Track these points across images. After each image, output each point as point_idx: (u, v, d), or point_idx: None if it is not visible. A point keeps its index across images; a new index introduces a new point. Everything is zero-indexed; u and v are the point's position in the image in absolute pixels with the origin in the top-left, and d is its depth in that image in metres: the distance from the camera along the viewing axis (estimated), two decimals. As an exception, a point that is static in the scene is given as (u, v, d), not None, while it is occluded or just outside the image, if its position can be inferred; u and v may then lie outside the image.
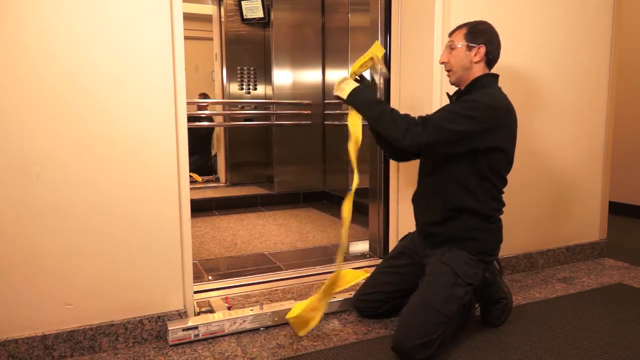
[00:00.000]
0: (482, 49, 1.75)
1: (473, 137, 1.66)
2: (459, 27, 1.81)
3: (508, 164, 1.79)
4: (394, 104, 2.46)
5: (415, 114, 2.07)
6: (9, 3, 1.51)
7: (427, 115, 1.73)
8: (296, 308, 1.78)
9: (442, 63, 1.83)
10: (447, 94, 1.91)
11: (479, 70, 1.78)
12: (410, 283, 1.79)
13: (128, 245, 1.73)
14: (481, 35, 1.76)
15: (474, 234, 1.75)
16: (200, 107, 4.97)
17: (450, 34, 1.84)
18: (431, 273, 1.72)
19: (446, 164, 1.75)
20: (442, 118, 1.67)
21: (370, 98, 1.78)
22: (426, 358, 1.58)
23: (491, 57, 1.79)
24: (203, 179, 5.24)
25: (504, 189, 1.82)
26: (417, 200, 1.93)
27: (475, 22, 1.82)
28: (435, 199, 1.80)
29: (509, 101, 1.76)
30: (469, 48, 1.76)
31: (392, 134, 1.71)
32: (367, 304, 1.95)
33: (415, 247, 1.92)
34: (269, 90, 4.88)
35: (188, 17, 2.52)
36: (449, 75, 1.83)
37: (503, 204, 1.83)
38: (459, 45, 1.77)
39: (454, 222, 1.76)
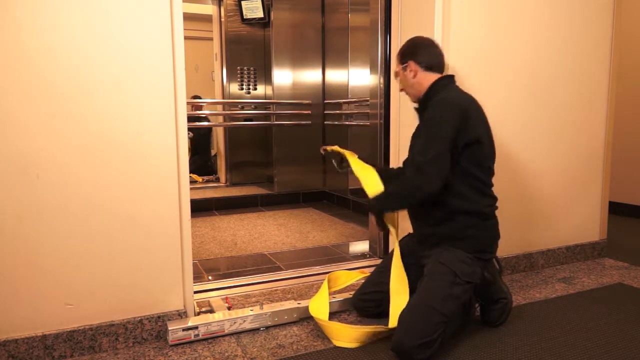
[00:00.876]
0: (412, 64, 1.86)
1: (453, 140, 1.69)
2: (397, 55, 1.96)
3: (489, 153, 1.81)
4: (394, 104, 2.46)
5: (415, 113, 2.08)
6: (9, 4, 1.51)
7: (407, 161, 1.86)
8: (322, 309, 1.89)
9: (401, 91, 1.97)
10: (415, 108, 1.96)
11: (424, 79, 1.85)
12: (410, 282, 1.79)
13: (128, 245, 1.73)
14: (406, 54, 1.89)
15: (470, 231, 1.76)
16: (196, 108, 4.98)
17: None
18: (429, 273, 1.73)
19: None
20: (421, 153, 1.71)
21: (382, 200, 1.84)
22: (426, 358, 1.58)
23: (426, 65, 1.85)
24: (203, 179, 5.24)
25: (496, 184, 1.83)
26: (410, 208, 1.94)
27: (404, 44, 1.95)
28: (427, 208, 1.81)
29: (466, 95, 1.81)
30: (404, 69, 1.89)
31: (413, 202, 1.81)
32: (366, 303, 1.95)
33: (414, 247, 1.92)
34: (269, 90, 4.88)
35: (188, 17, 2.52)
36: (408, 96, 1.95)
37: (495, 199, 1.84)
38: (397, 70, 1.93)
39: (449, 223, 1.78)
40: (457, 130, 1.69)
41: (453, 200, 1.74)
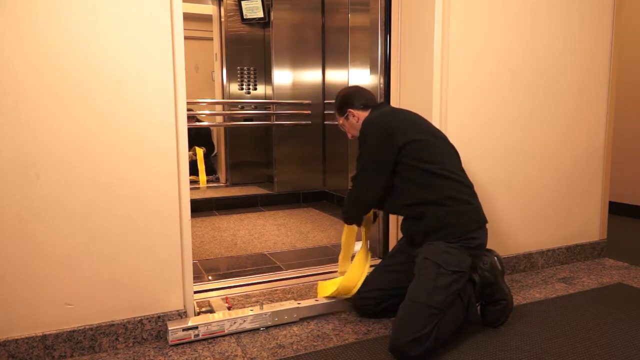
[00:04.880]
0: (352, 112, 2.01)
1: (389, 156, 1.81)
2: (335, 111, 2.11)
3: (434, 150, 1.84)
4: (394, 104, 2.46)
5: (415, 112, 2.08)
6: (8, 5, 1.51)
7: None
8: (329, 287, 2.03)
9: (351, 137, 2.10)
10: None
11: (364, 117, 1.98)
12: (408, 281, 1.79)
13: (128, 245, 1.73)
14: (343, 106, 2.05)
15: (448, 219, 1.76)
16: (195, 120, 4.97)
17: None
18: (416, 271, 1.76)
19: (392, 186, 1.87)
20: (357, 172, 1.93)
21: (345, 213, 2.14)
22: (422, 354, 1.58)
23: (362, 105, 2.01)
24: (208, 177, 5.16)
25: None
26: (391, 211, 2.04)
27: (336, 100, 2.09)
28: (403, 208, 1.87)
29: (385, 111, 1.94)
30: (347, 118, 2.04)
31: (359, 209, 2.05)
32: (365, 301, 1.96)
33: (406, 247, 1.96)
34: (269, 90, 4.88)
35: (188, 17, 2.53)
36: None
37: (463, 184, 1.84)
38: (341, 122, 2.08)
39: (427, 216, 1.79)
40: (387, 142, 1.80)
41: (418, 193, 1.80)
